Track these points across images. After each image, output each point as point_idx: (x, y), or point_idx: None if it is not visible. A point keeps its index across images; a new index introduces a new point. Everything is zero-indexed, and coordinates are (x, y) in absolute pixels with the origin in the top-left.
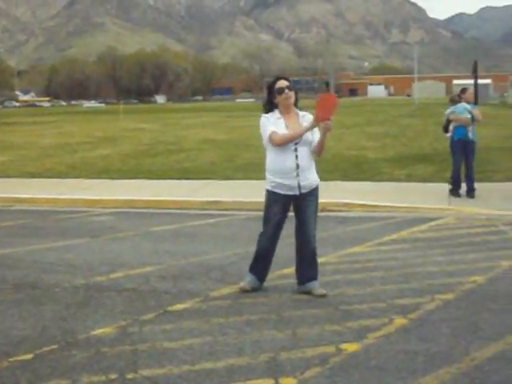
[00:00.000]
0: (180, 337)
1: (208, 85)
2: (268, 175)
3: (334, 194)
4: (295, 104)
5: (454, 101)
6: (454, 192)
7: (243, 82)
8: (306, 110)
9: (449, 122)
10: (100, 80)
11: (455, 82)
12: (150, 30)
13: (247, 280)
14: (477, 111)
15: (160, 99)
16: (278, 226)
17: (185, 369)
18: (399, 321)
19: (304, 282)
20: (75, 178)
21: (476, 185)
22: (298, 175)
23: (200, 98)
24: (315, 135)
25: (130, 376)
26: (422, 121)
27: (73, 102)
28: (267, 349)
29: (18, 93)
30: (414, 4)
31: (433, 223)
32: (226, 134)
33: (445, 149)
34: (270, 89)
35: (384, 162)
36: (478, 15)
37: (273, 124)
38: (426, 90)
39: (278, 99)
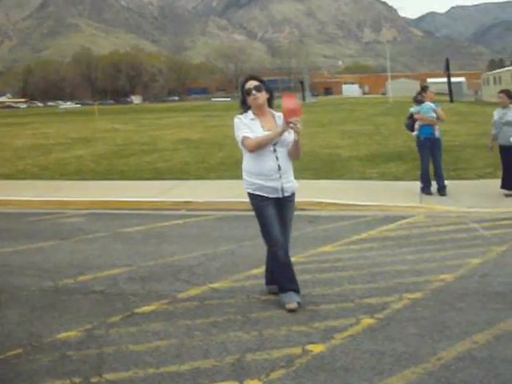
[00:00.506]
0: (146, 339)
1: (183, 85)
2: (246, 177)
3: (305, 192)
4: (269, 105)
5: (417, 100)
6: (425, 190)
7: (218, 81)
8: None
9: (413, 120)
10: (75, 81)
11: (429, 80)
12: (124, 31)
13: (290, 300)
14: (440, 111)
15: (136, 99)
16: (278, 226)
17: (150, 372)
18: (366, 321)
19: (273, 283)
20: (48, 179)
21: (448, 182)
22: (280, 177)
23: (176, 98)
24: (291, 137)
25: (94, 380)
26: (396, 119)
27: (49, 103)
28: (233, 350)
29: None
30: (384, 3)
31: (403, 221)
32: (201, 133)
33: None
34: (242, 89)
35: (357, 160)
36: (449, 14)
37: (246, 126)
38: (400, 88)
39: (248, 100)
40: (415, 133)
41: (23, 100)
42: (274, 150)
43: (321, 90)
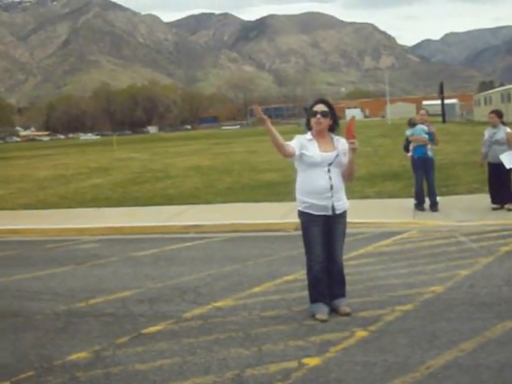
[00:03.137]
0: (151, 358)
1: (196, 114)
2: (299, 196)
3: None
4: (332, 130)
5: (411, 124)
6: (418, 206)
7: (228, 110)
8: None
9: (409, 142)
10: (95, 114)
11: (424, 102)
12: (141, 66)
13: (320, 311)
14: (436, 137)
15: (152, 129)
16: (321, 245)
17: None
18: (360, 333)
19: (331, 299)
20: (66, 207)
21: (439, 198)
22: (332, 196)
23: (189, 127)
24: (346, 158)
25: None
26: (393, 140)
27: (70, 135)
28: (233, 366)
29: (18, 128)
30: (383, 32)
31: (398, 237)
32: (210, 160)
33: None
34: (310, 109)
35: (356, 180)
36: (443, 40)
37: (300, 143)
38: (398, 111)
39: (312, 121)
40: (410, 154)
41: (46, 133)
42: (329, 170)
43: None
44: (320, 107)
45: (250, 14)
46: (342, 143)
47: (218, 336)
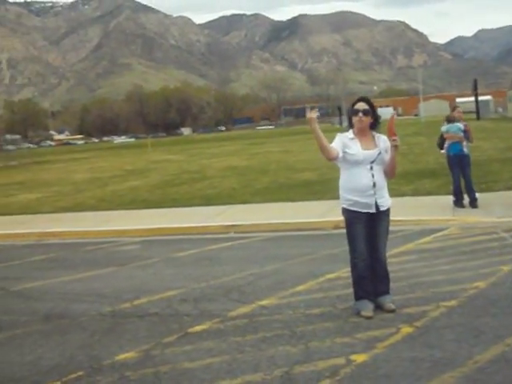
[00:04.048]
0: (199, 357)
1: (230, 115)
2: (343, 193)
3: None
4: (373, 128)
5: (449, 120)
6: (457, 203)
7: (262, 110)
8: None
9: (443, 139)
10: (129, 116)
11: (458, 100)
12: (173, 68)
13: (365, 308)
14: (471, 134)
15: (185, 131)
16: (364, 242)
17: None
18: (406, 329)
19: (376, 296)
20: (104, 210)
21: (478, 195)
22: (375, 193)
23: (223, 128)
24: (388, 155)
25: None
26: (428, 138)
27: (104, 139)
28: (281, 364)
29: (52, 132)
30: (415, 30)
31: (438, 234)
32: (246, 160)
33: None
34: (352, 107)
35: (397, 178)
36: (476, 37)
37: (342, 143)
38: (431, 109)
39: (354, 119)
40: (443, 151)
41: (80, 136)
42: (371, 168)
43: None
44: (361, 105)
45: (281, 14)
46: (383, 141)
47: (264, 334)
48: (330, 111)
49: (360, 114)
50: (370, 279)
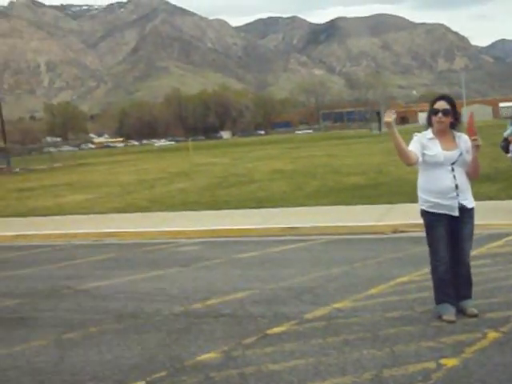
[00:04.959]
0: (283, 359)
1: (268, 119)
2: (422, 195)
3: (402, 215)
4: (453, 127)
5: None
6: None
7: (300, 114)
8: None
9: (508, 142)
10: (168, 120)
11: (501, 104)
12: (211, 71)
13: (446, 312)
14: None
15: (225, 135)
16: (446, 245)
17: None
18: (492, 334)
19: (457, 300)
20: (156, 211)
21: None
22: (457, 195)
23: (262, 131)
24: (469, 156)
25: None
26: None
27: (144, 142)
28: (369, 367)
29: (92, 135)
30: (456, 33)
31: (509, 238)
32: (291, 164)
33: (507, 167)
34: (431, 106)
35: None
36: None
37: (420, 144)
38: (474, 113)
39: (433, 119)
40: (510, 154)
41: (120, 139)
42: (452, 170)
43: (397, 119)
44: (441, 105)
45: (319, 17)
46: (464, 140)
47: (345, 337)
48: (369, 116)
49: (440, 114)
50: (452, 282)
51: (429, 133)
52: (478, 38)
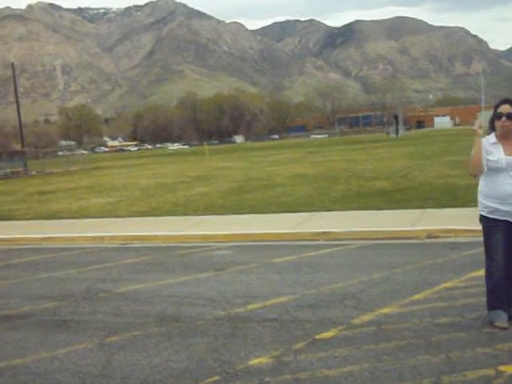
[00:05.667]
0: (337, 364)
1: (283, 123)
2: (482, 200)
3: (435, 220)
4: None
5: None
6: None
7: (316, 119)
8: None
9: None
10: (182, 123)
11: None
12: (226, 75)
13: (499, 318)
14: None
15: (238, 139)
16: (502, 252)
17: None
18: None
19: (510, 307)
20: (182, 215)
21: None
22: None
23: (276, 136)
24: None
25: None
26: None
27: (158, 145)
28: (427, 373)
29: (106, 139)
30: (475, 36)
31: None
32: (312, 168)
33: None
34: (494, 110)
35: (474, 187)
36: None
37: (484, 151)
38: None
39: (496, 124)
40: None
41: (134, 143)
42: None
43: (414, 123)
44: (506, 108)
45: (336, 20)
46: None
47: (397, 343)
48: (386, 120)
49: (503, 119)
50: (506, 289)
51: (492, 137)
52: (497, 41)
